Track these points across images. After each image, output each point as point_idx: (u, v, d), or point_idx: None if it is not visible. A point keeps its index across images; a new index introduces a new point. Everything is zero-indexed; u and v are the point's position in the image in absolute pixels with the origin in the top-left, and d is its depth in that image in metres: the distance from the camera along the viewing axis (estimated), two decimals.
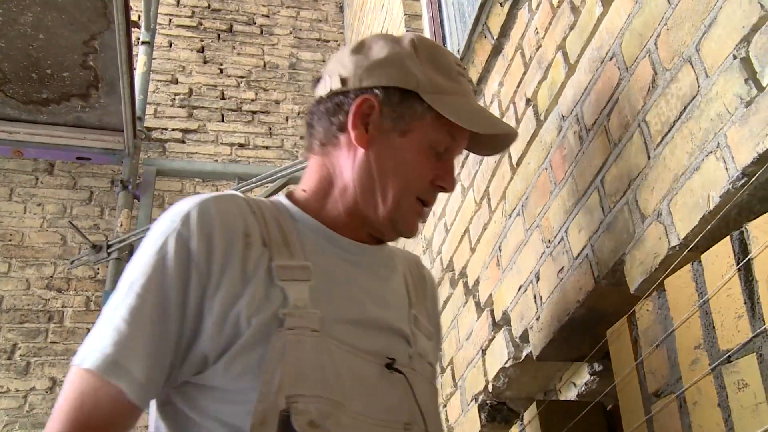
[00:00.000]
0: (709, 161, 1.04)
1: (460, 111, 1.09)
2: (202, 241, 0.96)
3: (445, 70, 1.12)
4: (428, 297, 1.23)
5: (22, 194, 4.00)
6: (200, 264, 0.95)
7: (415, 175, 1.09)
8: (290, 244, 1.02)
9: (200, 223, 0.97)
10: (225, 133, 4.55)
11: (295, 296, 0.97)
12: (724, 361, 0.96)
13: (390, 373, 1.00)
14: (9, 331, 3.61)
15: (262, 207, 1.05)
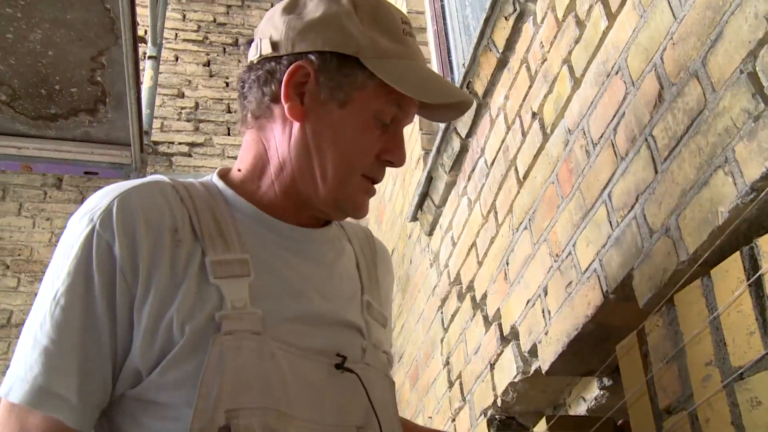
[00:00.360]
0: (717, 176, 1.03)
1: (406, 78, 0.95)
2: (126, 246, 0.86)
3: (390, 29, 0.97)
4: (380, 270, 1.11)
5: (31, 209, 4.01)
6: (126, 271, 0.85)
7: (358, 150, 0.96)
8: (225, 235, 0.91)
9: (122, 223, 0.86)
10: (231, 147, 4.56)
11: (232, 295, 0.87)
12: (736, 378, 0.95)
13: (341, 373, 0.91)
14: None
15: (193, 193, 0.93)
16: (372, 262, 1.09)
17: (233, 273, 0.88)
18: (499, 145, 1.97)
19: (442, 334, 2.40)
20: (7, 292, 3.75)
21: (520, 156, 1.82)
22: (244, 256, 0.90)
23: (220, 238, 0.91)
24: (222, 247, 0.90)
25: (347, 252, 1.06)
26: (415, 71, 0.97)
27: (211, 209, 0.93)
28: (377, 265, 1.10)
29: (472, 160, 2.20)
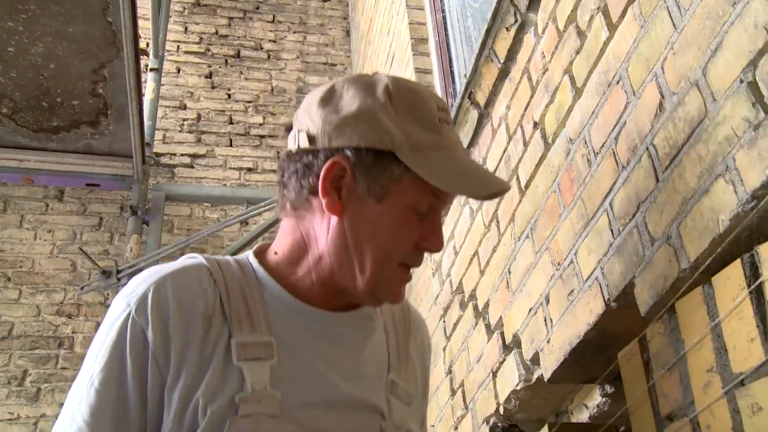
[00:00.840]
0: (718, 184, 1.04)
1: (442, 171, 0.95)
2: (159, 331, 0.91)
3: (425, 120, 0.97)
4: (413, 342, 1.12)
5: (33, 221, 4.02)
6: (158, 356, 0.90)
7: (396, 241, 0.97)
8: (253, 317, 0.95)
9: (156, 309, 0.91)
10: (233, 158, 4.58)
11: (253, 378, 0.91)
12: (737, 385, 0.96)
13: None
14: (20, 358, 3.62)
15: (227, 274, 0.98)
16: (404, 335, 1.11)
17: (257, 355, 0.92)
18: (501, 154, 1.98)
19: (444, 343, 2.41)
20: (8, 304, 3.76)
21: (522, 165, 1.83)
22: (269, 339, 0.94)
23: (247, 320, 0.94)
24: (249, 329, 0.94)
25: (377, 331, 1.06)
26: (450, 164, 0.97)
27: (242, 290, 0.97)
28: (410, 338, 1.11)
29: None
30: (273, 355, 0.93)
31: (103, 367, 0.90)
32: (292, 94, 4.92)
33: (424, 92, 1.00)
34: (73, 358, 3.67)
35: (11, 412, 3.47)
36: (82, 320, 3.79)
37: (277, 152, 4.66)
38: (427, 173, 0.94)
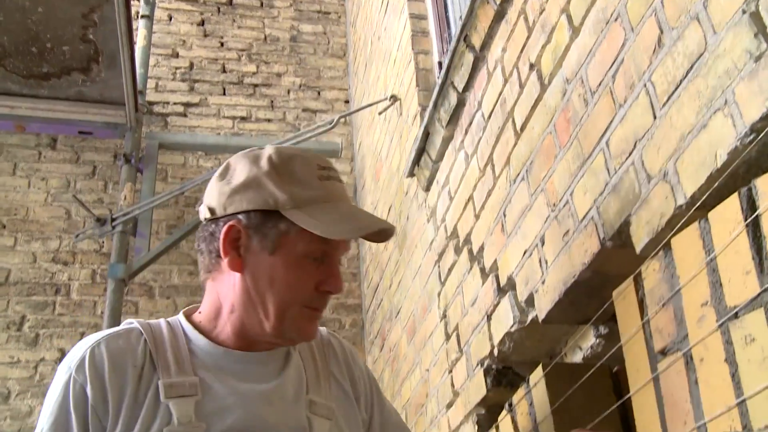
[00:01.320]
0: (716, 118, 1.04)
1: (321, 221, 1.09)
2: (96, 386, 1.05)
3: (306, 179, 1.12)
4: (338, 361, 1.28)
5: (26, 169, 4.00)
6: (97, 407, 1.05)
7: (292, 287, 1.11)
8: (180, 362, 1.10)
9: (93, 368, 1.07)
10: (227, 107, 4.54)
11: (179, 413, 1.04)
12: (731, 317, 0.96)
13: None
14: (17, 304, 3.63)
15: (156, 332, 1.14)
16: (323, 359, 1.25)
17: (182, 393, 1.07)
18: (497, 97, 1.96)
19: (439, 288, 2.42)
20: (4, 251, 3.76)
21: (518, 108, 1.82)
22: (194, 378, 1.09)
23: (175, 365, 1.10)
24: (176, 372, 1.09)
25: (293, 360, 1.21)
26: (331, 212, 1.10)
27: (171, 343, 1.13)
28: (330, 359, 1.26)
29: (469, 114, 2.19)
30: (197, 392, 1.08)
31: (52, 423, 1.05)
32: (285, 43, 4.85)
33: (305, 156, 1.15)
34: (69, 304, 3.68)
35: (11, 356, 3.51)
36: (78, 267, 3.79)
37: (271, 101, 4.62)
38: (309, 224, 1.08)
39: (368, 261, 3.90)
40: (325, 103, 4.71)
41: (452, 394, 2.22)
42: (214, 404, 1.08)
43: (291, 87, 4.70)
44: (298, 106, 4.64)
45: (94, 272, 3.80)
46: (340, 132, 4.50)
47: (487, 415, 2.01)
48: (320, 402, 1.18)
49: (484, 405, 2.01)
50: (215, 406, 1.08)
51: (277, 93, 4.67)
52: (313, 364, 1.24)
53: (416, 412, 2.70)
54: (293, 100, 4.66)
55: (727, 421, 0.95)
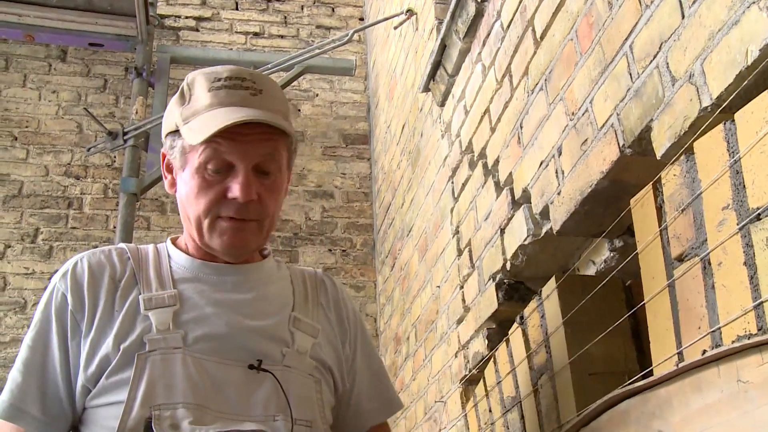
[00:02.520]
0: (750, 12, 0.98)
1: (194, 129, 1.13)
2: (76, 293, 1.16)
3: (197, 95, 1.17)
4: (329, 300, 1.33)
5: (36, 81, 3.96)
6: (76, 312, 1.15)
7: (197, 199, 1.16)
8: (162, 279, 1.19)
9: (73, 278, 1.18)
10: (239, 22, 4.45)
11: (158, 322, 1.13)
12: (753, 219, 0.93)
13: (257, 373, 1.13)
14: (31, 216, 3.66)
15: (142, 253, 1.25)
16: (314, 290, 1.32)
17: (161, 304, 1.15)
18: (517, 5, 1.89)
19: (452, 204, 2.40)
20: (17, 163, 3.76)
21: (538, 15, 1.75)
22: (173, 291, 1.17)
23: (156, 281, 1.19)
24: (156, 287, 1.18)
25: (281, 278, 1.29)
26: (208, 120, 1.13)
27: (155, 262, 1.22)
28: (320, 293, 1.32)
29: (487, 25, 2.12)
30: (176, 302, 1.16)
31: (33, 328, 1.17)
32: None
33: (211, 72, 1.19)
34: (82, 218, 3.70)
35: (27, 267, 3.55)
36: (90, 181, 3.80)
37: (285, 17, 4.52)
38: (187, 135, 1.14)
39: (380, 180, 3.88)
40: (340, 19, 4.60)
41: (463, 309, 2.23)
42: (191, 313, 1.16)
43: (305, 3, 4.60)
44: (311, 22, 4.54)
45: (106, 186, 3.80)
46: (353, 50, 4.42)
47: (497, 329, 2.02)
48: (305, 320, 1.24)
49: (495, 319, 2.01)
50: (193, 315, 1.15)
51: (291, 9, 4.57)
52: (303, 289, 1.30)
53: (426, 328, 2.72)
54: (307, 16, 4.56)
55: (742, 324, 0.94)
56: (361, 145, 4.25)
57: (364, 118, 4.34)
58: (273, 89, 1.21)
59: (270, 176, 1.18)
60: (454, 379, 2.30)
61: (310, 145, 4.18)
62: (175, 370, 1.10)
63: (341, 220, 4.03)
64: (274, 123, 1.14)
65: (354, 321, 1.35)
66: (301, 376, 1.18)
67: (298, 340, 1.20)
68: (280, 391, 1.13)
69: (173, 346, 1.11)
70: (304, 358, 1.20)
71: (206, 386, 1.10)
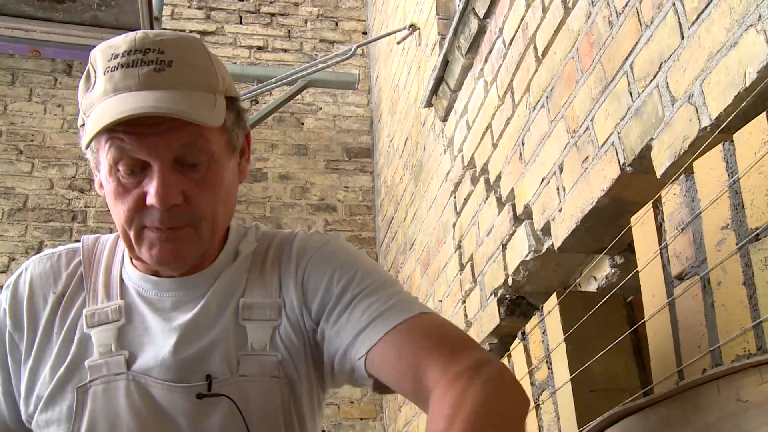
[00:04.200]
0: (748, 35, 1.00)
1: (90, 123, 0.90)
2: (13, 311, 1.02)
3: (95, 80, 0.92)
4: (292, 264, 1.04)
5: (42, 95, 3.99)
6: (13, 332, 1.01)
7: (117, 207, 0.94)
8: (110, 287, 1.02)
9: (14, 292, 1.03)
10: (243, 36, 4.48)
11: (99, 342, 0.97)
12: (752, 239, 0.94)
13: (210, 397, 0.96)
14: (35, 229, 3.67)
15: (98, 252, 1.06)
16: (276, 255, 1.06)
17: (104, 320, 0.99)
18: (519, 23, 1.91)
19: (454, 219, 2.41)
20: (22, 177, 3.78)
21: (540, 33, 1.77)
22: (118, 303, 1.00)
23: (104, 289, 1.02)
24: (103, 297, 1.01)
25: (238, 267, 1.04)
26: (103, 111, 0.89)
27: (107, 265, 1.04)
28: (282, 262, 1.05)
29: (489, 41, 2.14)
30: (120, 317, 0.99)
31: None
32: None
33: (106, 46, 0.93)
34: (86, 231, 3.72)
35: None
36: (94, 195, 3.82)
37: (288, 31, 4.55)
38: (88, 131, 0.90)
39: (383, 194, 3.89)
40: (343, 33, 4.63)
41: (465, 324, 2.23)
42: (136, 331, 0.99)
43: (308, 17, 4.62)
44: (315, 36, 4.57)
45: None
46: (357, 64, 4.44)
47: (499, 345, 2.02)
48: (258, 302, 1.02)
49: (497, 335, 2.02)
50: (137, 333, 0.99)
51: (294, 23, 4.60)
52: (261, 261, 1.06)
53: None
54: (310, 30, 4.59)
55: (741, 343, 0.94)
56: (364, 159, 4.27)
57: (367, 131, 4.36)
58: (189, 55, 0.93)
59: (198, 167, 0.93)
60: None
61: (313, 158, 4.20)
62: (118, 403, 0.95)
63: (344, 234, 4.04)
64: (174, 113, 0.88)
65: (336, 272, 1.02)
66: (262, 384, 0.99)
67: (251, 335, 1.00)
68: (237, 414, 0.96)
69: (115, 372, 0.96)
70: (262, 358, 1.00)
71: (155, 418, 0.95)
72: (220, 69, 0.98)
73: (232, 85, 1.01)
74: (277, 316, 1.01)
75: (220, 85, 0.96)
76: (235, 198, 1.04)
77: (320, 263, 1.03)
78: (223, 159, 0.97)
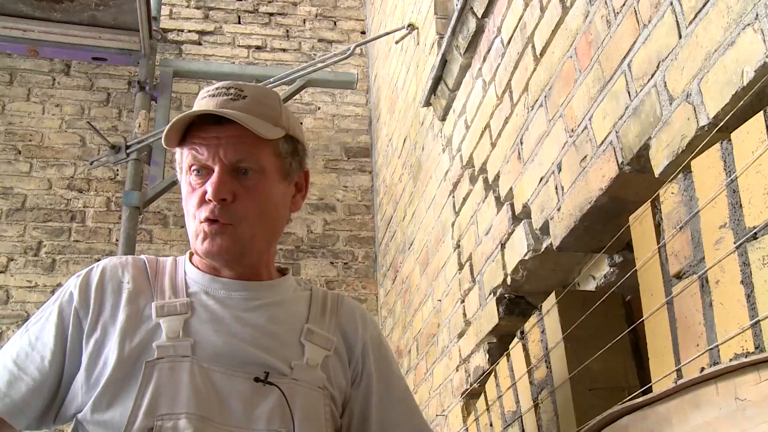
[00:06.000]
0: (745, 34, 1.00)
1: (167, 129, 1.17)
2: (83, 291, 1.17)
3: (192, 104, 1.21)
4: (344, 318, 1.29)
5: (40, 95, 3.98)
6: (79, 308, 1.16)
7: (187, 204, 1.20)
8: (175, 288, 1.20)
9: (85, 280, 1.19)
10: (242, 36, 4.48)
11: (168, 329, 1.13)
12: (749, 238, 0.95)
13: (263, 386, 1.12)
14: (34, 229, 3.67)
15: (160, 263, 1.25)
16: (333, 310, 1.29)
17: (173, 312, 1.15)
18: (517, 22, 1.91)
19: (453, 218, 2.41)
20: (20, 177, 3.78)
21: (538, 32, 1.77)
22: (185, 300, 1.18)
23: (170, 290, 1.19)
24: (170, 295, 1.18)
25: (300, 298, 1.27)
26: (176, 121, 1.16)
27: (171, 272, 1.23)
28: (339, 313, 1.29)
29: (488, 41, 2.14)
30: (188, 311, 1.16)
31: (36, 319, 1.17)
32: None
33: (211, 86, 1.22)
34: (85, 231, 3.72)
35: (29, 281, 3.56)
36: (93, 195, 3.81)
37: (287, 30, 4.55)
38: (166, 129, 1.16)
39: (382, 193, 3.89)
40: (341, 33, 4.63)
41: (464, 323, 2.24)
42: (202, 324, 1.15)
43: (307, 16, 4.62)
44: (313, 36, 4.57)
45: (108, 200, 3.82)
46: (355, 63, 4.44)
47: (498, 344, 2.02)
48: (319, 332, 1.22)
49: (496, 334, 2.02)
50: (203, 325, 1.15)
51: (293, 22, 4.59)
52: (322, 302, 1.29)
53: (427, 342, 2.72)
54: (309, 29, 4.59)
55: (739, 342, 0.95)
56: (363, 158, 4.27)
57: (366, 131, 4.36)
58: (262, 96, 1.21)
59: (249, 177, 1.17)
60: (455, 392, 2.31)
61: (311, 157, 4.20)
62: (181, 380, 1.09)
63: (343, 233, 4.05)
64: (234, 117, 1.13)
65: (376, 342, 1.31)
66: (310, 390, 1.16)
67: (308, 353, 1.19)
68: (285, 405, 1.11)
69: (182, 354, 1.11)
70: (314, 371, 1.18)
71: (211, 397, 1.09)
72: (288, 115, 1.24)
73: (297, 130, 1.25)
74: (330, 348, 1.22)
75: (283, 123, 1.21)
76: (281, 222, 1.26)
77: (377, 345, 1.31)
78: (273, 178, 1.20)
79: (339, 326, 1.27)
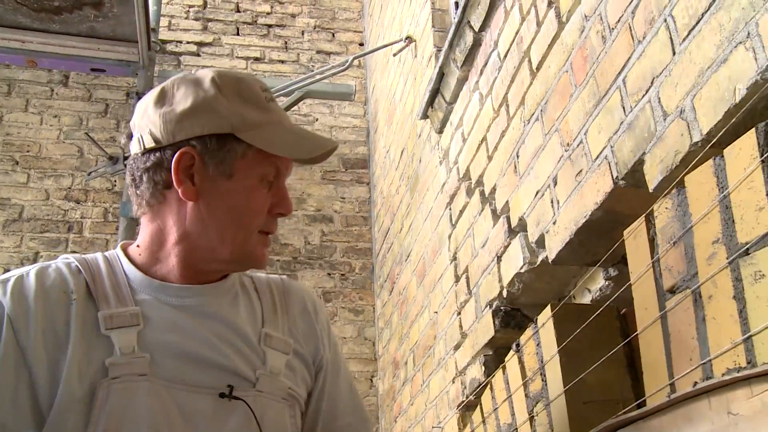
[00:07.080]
0: (737, 52, 1.01)
1: (277, 141, 1.08)
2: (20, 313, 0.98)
3: (253, 101, 1.08)
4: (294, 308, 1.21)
5: (38, 106, 3.99)
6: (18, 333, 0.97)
7: (251, 211, 1.08)
8: (120, 294, 1.05)
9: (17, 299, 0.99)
10: (240, 47, 4.50)
11: (121, 343, 1.00)
12: (742, 254, 0.95)
13: (228, 401, 1.03)
14: (31, 240, 3.67)
15: (93, 264, 1.08)
16: (282, 299, 1.20)
17: (124, 323, 1.02)
18: (513, 36, 1.93)
19: (449, 231, 2.42)
20: (17, 188, 3.78)
21: (534, 46, 1.79)
22: (135, 309, 1.04)
23: (114, 296, 1.04)
24: (115, 303, 1.03)
25: (248, 295, 1.17)
26: (283, 133, 1.09)
27: (109, 275, 1.07)
28: (289, 307, 1.20)
29: (484, 54, 2.16)
30: (139, 322, 1.02)
31: None
32: None
33: (247, 78, 1.11)
34: (82, 242, 3.72)
35: None
36: (90, 205, 3.82)
37: (285, 42, 4.57)
38: (265, 145, 1.06)
39: (379, 205, 3.90)
40: (340, 45, 4.65)
41: (460, 335, 2.24)
42: (156, 335, 1.03)
43: (305, 28, 4.65)
44: (312, 47, 4.59)
45: (106, 211, 3.82)
46: (353, 75, 4.46)
47: (494, 356, 2.03)
48: (276, 335, 1.14)
49: (492, 346, 2.02)
50: (158, 337, 1.03)
51: (291, 34, 4.61)
52: (271, 299, 1.19)
53: (424, 354, 2.73)
54: (307, 41, 4.61)
55: (732, 357, 0.95)
56: (361, 170, 4.28)
57: (364, 142, 4.37)
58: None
59: None
60: (451, 404, 2.31)
61: (309, 168, 4.21)
62: (138, 403, 0.98)
63: (340, 244, 4.05)
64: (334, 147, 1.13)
65: (327, 329, 1.25)
66: (275, 402, 1.10)
67: (270, 360, 1.11)
68: (252, 420, 1.04)
69: (138, 373, 0.99)
70: (277, 380, 1.11)
71: (173, 421, 1.00)
72: None
73: None
74: (289, 351, 1.14)
75: None
76: None
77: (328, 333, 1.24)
78: None
79: (293, 323, 1.19)
